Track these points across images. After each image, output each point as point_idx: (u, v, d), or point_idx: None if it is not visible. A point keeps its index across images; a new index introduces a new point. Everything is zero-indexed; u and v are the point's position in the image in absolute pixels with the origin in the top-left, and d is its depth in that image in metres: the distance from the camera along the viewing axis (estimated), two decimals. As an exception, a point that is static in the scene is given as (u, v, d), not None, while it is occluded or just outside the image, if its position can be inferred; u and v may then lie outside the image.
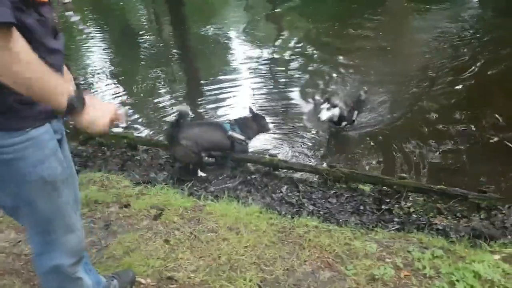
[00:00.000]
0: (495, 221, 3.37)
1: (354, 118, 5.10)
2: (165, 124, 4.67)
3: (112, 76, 7.86)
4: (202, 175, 4.30)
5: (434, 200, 3.70)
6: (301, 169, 4.29)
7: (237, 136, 4.31)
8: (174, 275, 2.51)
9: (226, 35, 10.03)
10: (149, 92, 7.05)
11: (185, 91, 7.17)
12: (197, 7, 13.68)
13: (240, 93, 6.68)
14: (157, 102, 6.54)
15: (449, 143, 4.73)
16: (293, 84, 6.95)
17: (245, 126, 4.44)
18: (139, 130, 5.62)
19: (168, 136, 4.22)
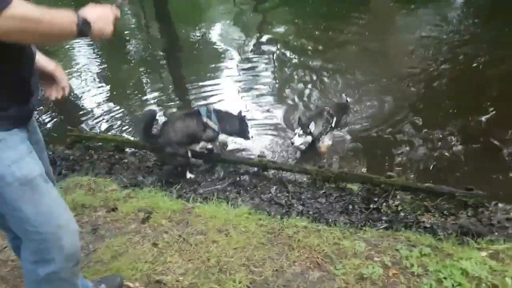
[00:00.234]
0: (482, 218, 3.41)
1: (332, 126, 5.05)
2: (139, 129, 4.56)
3: (99, 78, 7.82)
4: (191, 177, 4.27)
5: (422, 198, 3.73)
6: (290, 170, 4.29)
7: (210, 124, 4.23)
8: (163, 279, 2.49)
9: (212, 36, 10.03)
10: (137, 93, 7.01)
11: (172, 91, 7.16)
12: (184, 8, 13.65)
13: (226, 93, 6.68)
14: (144, 104, 6.52)
15: (436, 142, 4.78)
16: (277, 85, 6.96)
17: (225, 120, 4.36)
18: (127, 132, 5.59)
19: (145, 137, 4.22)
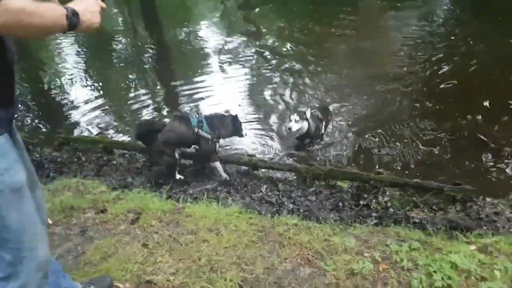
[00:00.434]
0: (471, 213, 3.46)
1: (322, 132, 5.05)
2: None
3: (87, 80, 7.75)
4: (181, 178, 4.25)
5: (411, 194, 3.77)
6: (280, 168, 4.30)
7: (203, 134, 4.07)
8: (153, 279, 2.47)
9: (199, 36, 10.00)
10: (124, 95, 6.98)
11: (161, 92, 7.14)
12: (171, 9, 13.61)
13: (215, 93, 6.65)
14: (132, 105, 6.48)
15: (424, 138, 4.82)
16: (265, 84, 6.94)
17: (217, 124, 4.17)
18: (115, 134, 5.55)
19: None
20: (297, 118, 4.64)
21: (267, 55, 8.24)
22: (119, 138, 5.36)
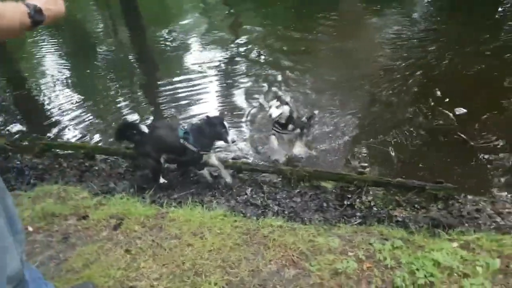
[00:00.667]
0: (453, 210, 3.51)
1: (307, 129, 4.98)
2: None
3: (68, 85, 7.64)
4: (164, 182, 4.21)
5: (393, 193, 3.81)
6: (265, 171, 4.29)
7: (189, 146, 3.95)
8: (136, 285, 2.44)
9: (182, 38, 9.94)
10: (105, 99, 6.89)
11: (143, 96, 7.07)
12: (153, 12, 13.55)
13: (199, 95, 6.65)
14: (113, 109, 6.43)
15: (405, 138, 4.89)
16: (246, 87, 6.94)
17: (199, 135, 3.98)
18: (97, 139, 5.49)
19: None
20: (277, 104, 4.51)
21: (249, 56, 8.23)
22: (101, 143, 5.28)
